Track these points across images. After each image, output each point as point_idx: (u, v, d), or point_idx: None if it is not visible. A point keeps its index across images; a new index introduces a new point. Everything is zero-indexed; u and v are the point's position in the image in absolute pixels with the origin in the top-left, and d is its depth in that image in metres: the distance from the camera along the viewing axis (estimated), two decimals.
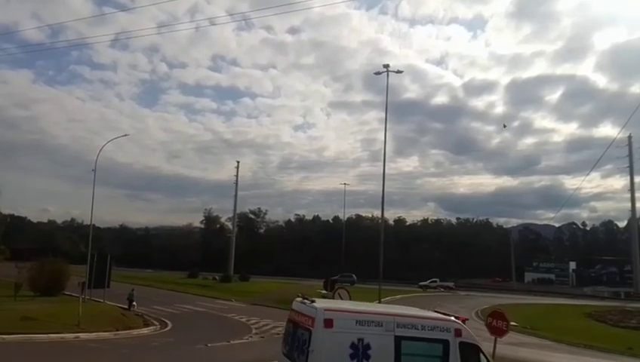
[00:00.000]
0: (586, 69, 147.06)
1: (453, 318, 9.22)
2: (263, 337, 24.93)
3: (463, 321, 9.23)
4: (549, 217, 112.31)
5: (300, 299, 9.52)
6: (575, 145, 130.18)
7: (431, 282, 62.69)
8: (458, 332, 8.71)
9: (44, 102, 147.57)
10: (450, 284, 61.33)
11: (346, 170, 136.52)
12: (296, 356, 8.71)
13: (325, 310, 8.42)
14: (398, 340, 8.32)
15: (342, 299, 18.07)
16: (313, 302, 8.93)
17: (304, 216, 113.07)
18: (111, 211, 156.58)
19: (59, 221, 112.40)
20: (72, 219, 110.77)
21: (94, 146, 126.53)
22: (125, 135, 40.88)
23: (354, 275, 61.17)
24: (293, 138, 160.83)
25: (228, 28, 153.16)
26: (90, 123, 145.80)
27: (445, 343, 8.57)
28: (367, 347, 8.17)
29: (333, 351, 8.09)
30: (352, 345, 8.12)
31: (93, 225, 41.65)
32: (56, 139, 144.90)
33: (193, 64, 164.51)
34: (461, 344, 8.64)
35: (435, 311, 10.20)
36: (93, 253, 32.05)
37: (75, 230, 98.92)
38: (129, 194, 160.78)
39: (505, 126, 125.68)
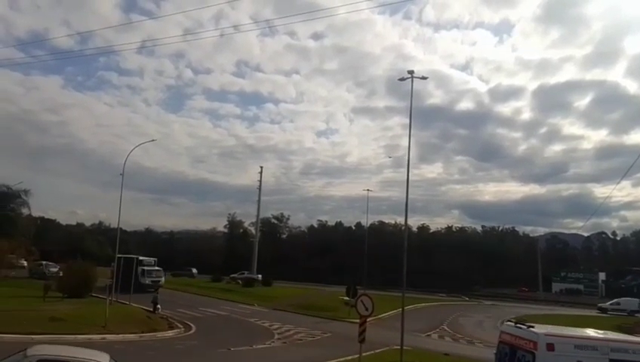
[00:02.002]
0: (617, 75, 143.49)
1: None
2: (285, 343, 24.97)
3: None
4: (578, 226, 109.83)
5: (512, 323, 10.60)
6: (605, 152, 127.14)
7: (239, 274, 66.32)
8: None
9: (73, 108, 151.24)
10: (257, 277, 64.21)
11: (368, 176, 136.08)
12: None
13: (546, 335, 9.34)
14: None
15: (364, 305, 17.93)
16: (531, 327, 9.77)
17: (327, 221, 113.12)
18: (137, 214, 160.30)
19: (87, 224, 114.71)
20: (100, 222, 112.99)
21: (122, 151, 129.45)
22: (153, 140, 41.24)
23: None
24: (316, 144, 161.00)
25: (252, 34, 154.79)
26: (117, 128, 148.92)
27: None
28: None
29: None
30: None
31: (120, 228, 42.44)
32: (85, 144, 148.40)
33: (218, 70, 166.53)
34: None
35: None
36: (120, 257, 32.59)
37: (102, 233, 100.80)
38: (155, 198, 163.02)
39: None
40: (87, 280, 34.51)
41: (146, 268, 44.48)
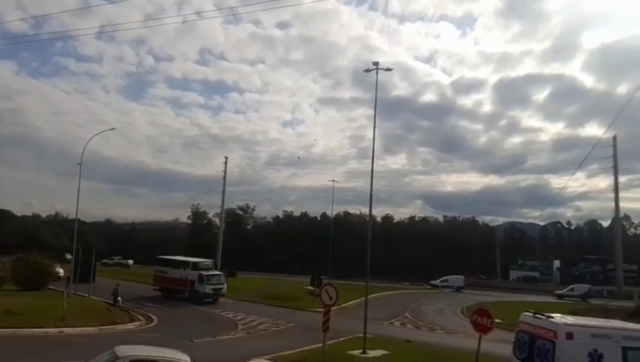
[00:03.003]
0: (574, 69, 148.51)
1: None
2: (249, 333, 24.96)
3: None
4: (535, 216, 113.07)
5: (530, 313, 11.25)
6: (561, 144, 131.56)
7: (110, 259, 72.17)
8: None
9: (27, 95, 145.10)
10: (128, 262, 72.94)
11: (334, 167, 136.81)
12: None
13: (565, 325, 10.02)
14: (625, 350, 9.73)
15: (329, 295, 18.12)
16: (550, 317, 10.47)
17: (292, 212, 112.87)
18: (96, 205, 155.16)
19: (43, 215, 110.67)
20: (57, 213, 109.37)
21: (80, 139, 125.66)
22: (112, 128, 40.23)
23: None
24: (282, 134, 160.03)
25: (215, 21, 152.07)
26: (75, 116, 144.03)
27: None
28: (601, 356, 9.64)
29: (574, 359, 9.61)
30: (590, 354, 9.62)
31: (79, 219, 41.23)
32: (41, 132, 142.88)
33: (180, 57, 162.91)
34: None
35: None
36: (78, 248, 31.62)
37: (59, 224, 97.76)
38: (115, 188, 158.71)
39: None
40: (44, 273, 33.45)
41: (204, 272, 36.69)
